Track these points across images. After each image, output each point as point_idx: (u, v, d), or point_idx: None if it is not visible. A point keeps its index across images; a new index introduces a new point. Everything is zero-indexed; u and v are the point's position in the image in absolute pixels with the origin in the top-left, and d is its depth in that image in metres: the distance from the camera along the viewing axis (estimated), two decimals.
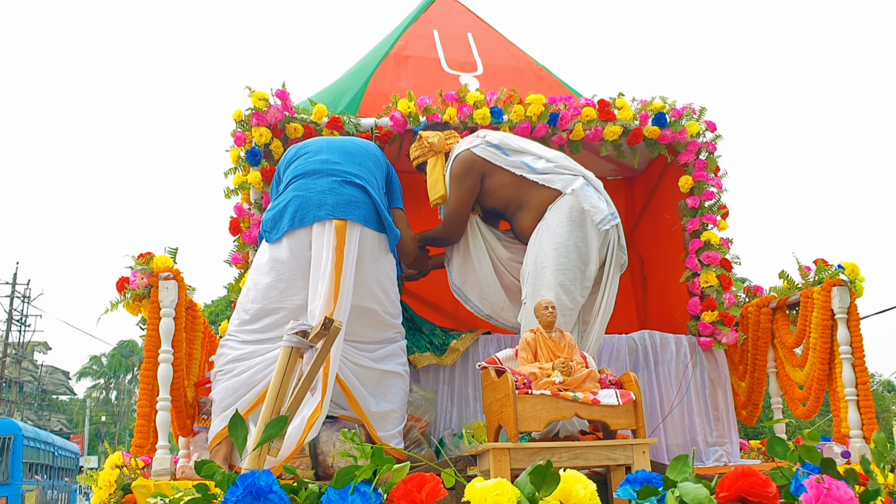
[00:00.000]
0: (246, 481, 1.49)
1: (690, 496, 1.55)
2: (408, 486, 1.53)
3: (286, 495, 1.52)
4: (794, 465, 1.69)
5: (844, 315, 4.47)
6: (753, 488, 1.65)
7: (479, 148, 4.66)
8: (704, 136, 5.31)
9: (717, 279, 5.06)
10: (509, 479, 3.41)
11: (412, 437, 4.39)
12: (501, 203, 4.72)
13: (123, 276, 4.07)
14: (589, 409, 3.66)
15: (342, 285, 3.83)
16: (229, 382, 3.90)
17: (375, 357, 4.10)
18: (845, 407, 4.44)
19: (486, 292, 4.83)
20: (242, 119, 4.81)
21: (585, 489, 1.56)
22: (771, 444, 1.75)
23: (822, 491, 1.54)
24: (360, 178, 4.13)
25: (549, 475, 1.58)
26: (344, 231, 3.91)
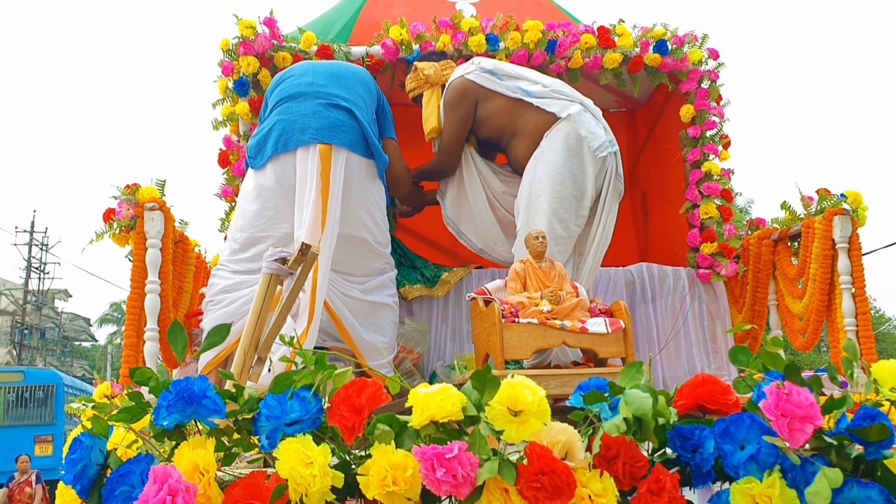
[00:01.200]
0: (179, 386, 1.45)
1: (636, 404, 1.49)
2: (348, 390, 1.49)
3: (221, 401, 1.48)
4: (757, 373, 1.63)
5: (846, 245, 4.37)
6: (712, 396, 1.59)
7: (473, 74, 4.53)
8: (707, 64, 5.16)
9: (717, 210, 4.96)
10: None
11: (404, 368, 4.38)
12: (496, 131, 4.58)
13: (109, 208, 4.03)
14: (577, 338, 3.61)
15: (329, 212, 3.74)
16: (219, 313, 3.87)
17: (365, 289, 4.05)
18: (844, 337, 4.36)
19: (479, 226, 4.75)
20: (230, 48, 4.71)
21: (533, 395, 1.50)
22: (734, 352, 1.68)
23: (782, 397, 1.47)
24: (347, 100, 3.99)
25: (489, 380, 1.53)
26: (329, 155, 3.79)
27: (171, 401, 1.44)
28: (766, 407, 1.48)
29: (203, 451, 1.43)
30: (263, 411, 1.49)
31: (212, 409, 1.47)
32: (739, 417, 1.52)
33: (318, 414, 1.49)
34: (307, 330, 3.64)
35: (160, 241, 3.96)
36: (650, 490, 1.46)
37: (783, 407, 1.46)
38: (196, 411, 1.46)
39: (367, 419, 1.48)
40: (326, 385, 1.53)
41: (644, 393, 1.50)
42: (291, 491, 1.38)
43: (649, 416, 1.49)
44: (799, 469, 1.49)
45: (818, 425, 1.47)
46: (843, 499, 1.54)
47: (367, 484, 1.41)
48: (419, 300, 4.71)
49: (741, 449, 1.51)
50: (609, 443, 1.51)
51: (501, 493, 1.44)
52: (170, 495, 1.33)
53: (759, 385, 1.56)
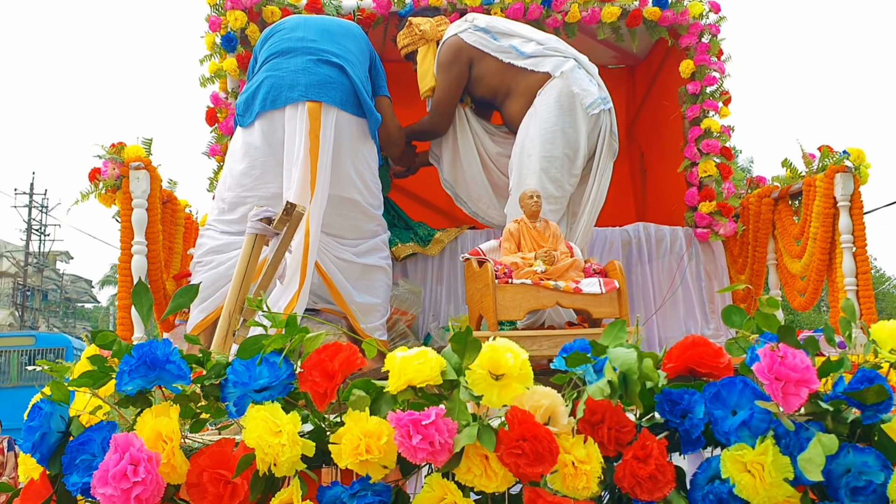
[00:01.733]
0: (143, 350, 1.38)
1: (620, 361, 1.42)
2: (321, 355, 1.42)
3: (186, 366, 1.42)
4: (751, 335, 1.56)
5: (847, 203, 4.27)
6: (703, 358, 1.52)
7: (467, 33, 4.42)
8: (707, 18, 5.03)
9: (716, 168, 4.86)
10: None
11: (398, 329, 4.32)
12: (490, 91, 4.48)
13: (95, 167, 3.94)
14: (571, 298, 3.54)
15: (318, 172, 3.63)
16: (208, 274, 3.79)
17: (358, 251, 3.96)
18: (844, 297, 4.29)
19: (472, 189, 4.67)
20: (217, 2, 4.57)
21: (515, 358, 1.44)
22: (727, 312, 1.61)
23: (776, 359, 1.40)
24: (339, 56, 3.85)
25: (470, 342, 1.46)
26: (318, 114, 3.66)
27: (133, 366, 1.38)
28: (760, 370, 1.41)
29: (166, 418, 1.36)
30: (231, 377, 1.42)
31: (176, 375, 1.40)
32: (731, 381, 1.46)
33: (288, 380, 1.43)
34: (298, 293, 3.56)
35: (146, 200, 3.87)
36: (636, 457, 1.40)
37: (777, 370, 1.39)
38: (159, 377, 1.40)
39: (340, 385, 1.42)
40: (299, 349, 1.46)
41: (628, 350, 1.43)
42: (259, 461, 1.32)
43: (635, 372, 1.42)
44: (793, 435, 1.43)
45: (814, 389, 1.40)
46: (839, 465, 1.48)
47: (340, 453, 1.35)
48: (414, 262, 4.64)
49: (733, 414, 1.45)
50: (594, 407, 1.45)
51: (481, 459, 1.38)
52: (131, 464, 1.27)
53: (752, 347, 1.49)
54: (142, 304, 1.52)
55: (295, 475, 1.36)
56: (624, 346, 1.45)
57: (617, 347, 1.45)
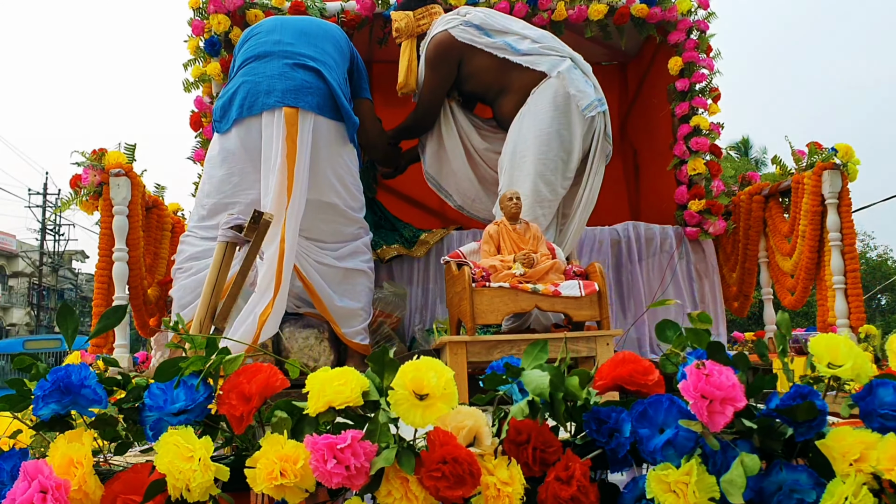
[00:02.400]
0: (58, 375, 1.37)
1: (533, 385, 1.40)
2: (239, 377, 1.41)
3: (101, 390, 1.41)
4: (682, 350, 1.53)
5: (835, 200, 4.23)
6: (632, 376, 1.50)
7: (458, 29, 4.33)
8: (696, 14, 4.98)
9: (705, 166, 4.81)
10: (466, 373, 3.34)
11: (382, 332, 4.31)
12: (481, 87, 4.43)
13: (75, 174, 3.95)
14: (550, 301, 3.51)
15: (296, 178, 3.60)
16: (187, 281, 3.78)
17: (338, 255, 3.94)
18: (833, 296, 4.25)
19: (459, 182, 4.64)
20: (199, 6, 4.56)
21: (439, 377, 1.41)
22: (661, 327, 1.59)
23: (701, 377, 1.38)
24: (316, 60, 3.81)
25: (387, 362, 1.44)
26: (295, 120, 3.63)
27: (48, 390, 1.37)
28: (685, 388, 1.39)
29: (78, 444, 1.35)
30: (147, 401, 1.41)
31: (91, 399, 1.39)
32: (658, 399, 1.43)
33: (206, 403, 1.41)
34: (273, 300, 3.53)
35: (126, 207, 3.88)
36: (558, 478, 1.37)
37: (702, 388, 1.37)
38: (74, 401, 1.39)
39: (258, 408, 1.40)
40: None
41: (542, 373, 1.40)
42: (171, 486, 1.30)
43: (547, 396, 1.40)
44: (720, 454, 1.40)
45: (739, 407, 1.37)
46: (771, 483, 1.45)
47: (255, 477, 1.34)
48: (400, 263, 4.63)
49: (661, 433, 1.42)
50: (519, 427, 1.43)
51: (402, 482, 1.36)
52: (40, 492, 1.26)
53: (684, 363, 1.47)
54: (66, 325, 1.51)
55: (211, 501, 1.34)
56: (543, 368, 1.43)
57: (533, 370, 1.43)
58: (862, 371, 1.50)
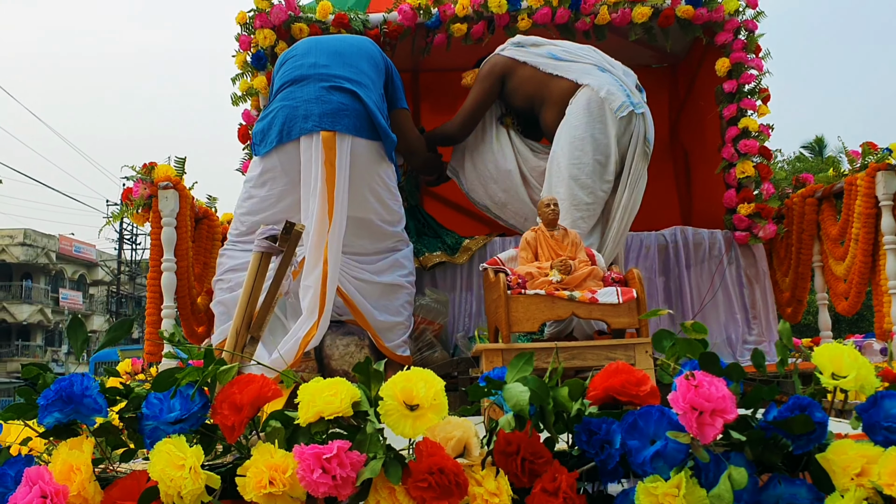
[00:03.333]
0: (61, 385, 1.44)
1: (513, 400, 1.39)
2: (232, 388, 1.44)
3: (102, 399, 1.46)
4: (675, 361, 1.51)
5: (890, 202, 4.08)
6: (625, 387, 1.48)
7: (506, 50, 4.55)
8: (744, 14, 4.87)
9: (754, 169, 4.70)
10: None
11: (425, 339, 4.33)
12: (526, 100, 4.51)
13: (127, 187, 4.09)
14: (587, 308, 3.48)
15: (336, 201, 3.63)
16: (228, 295, 3.86)
17: (376, 269, 3.97)
18: (889, 301, 4.10)
19: (513, 204, 4.68)
20: (246, 21, 4.67)
21: (429, 388, 1.43)
22: (657, 337, 1.56)
23: (690, 389, 1.36)
24: (352, 81, 3.85)
25: (372, 372, 1.46)
26: (333, 143, 3.67)
27: (51, 400, 1.43)
28: (674, 399, 1.37)
29: (78, 451, 1.41)
30: (145, 410, 1.46)
31: (92, 409, 1.45)
32: (648, 410, 1.41)
33: (202, 412, 1.46)
34: (317, 323, 3.58)
35: (175, 219, 4.00)
36: (544, 489, 1.37)
37: (692, 399, 1.35)
38: (77, 410, 1.45)
39: (250, 418, 1.44)
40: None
41: (523, 387, 1.40)
42: (163, 493, 1.35)
43: (526, 411, 1.39)
44: (713, 467, 1.38)
45: (729, 419, 1.35)
46: (769, 496, 1.42)
47: (245, 486, 1.37)
48: (443, 270, 4.65)
49: (651, 444, 1.40)
50: (509, 437, 1.43)
51: (389, 492, 1.38)
52: (41, 497, 1.32)
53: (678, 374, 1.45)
54: (76, 336, 1.58)
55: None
56: (527, 380, 1.42)
57: (515, 383, 1.42)
58: (866, 382, 1.46)
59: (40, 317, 34.87)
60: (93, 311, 38.40)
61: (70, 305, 36.57)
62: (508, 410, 1.44)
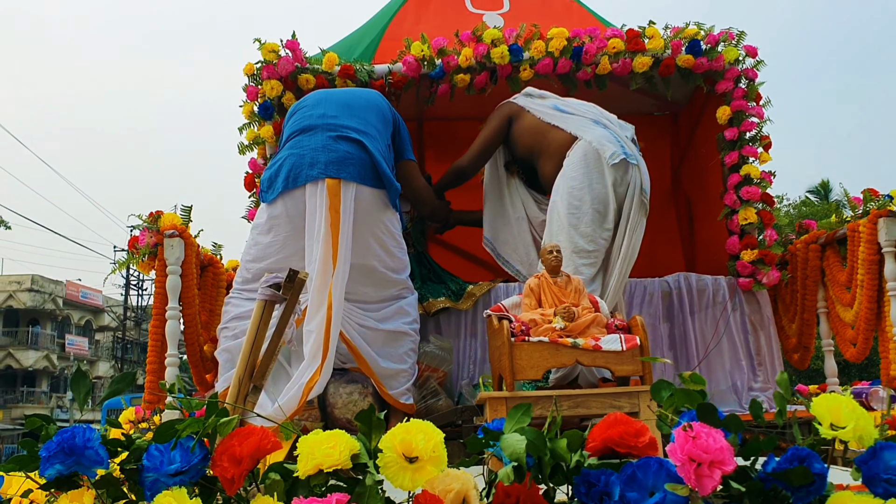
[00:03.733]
0: (63, 436, 1.45)
1: (510, 450, 1.40)
2: (232, 440, 1.45)
3: (104, 451, 1.47)
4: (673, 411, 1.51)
5: (892, 248, 4.09)
6: (623, 438, 1.48)
7: (517, 98, 4.71)
8: (744, 63, 4.94)
9: (756, 215, 4.73)
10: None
11: (429, 387, 4.32)
12: (526, 150, 4.63)
13: (133, 236, 4.13)
14: (591, 356, 3.48)
15: (340, 246, 3.68)
16: (232, 343, 3.88)
17: (380, 317, 3.99)
18: (894, 348, 4.09)
19: (519, 250, 4.79)
20: (254, 72, 4.76)
21: (428, 440, 1.43)
22: (656, 387, 1.57)
23: (688, 440, 1.36)
24: (358, 131, 3.93)
25: (374, 421, 1.47)
26: (338, 190, 3.73)
27: (53, 451, 1.44)
28: (672, 451, 1.37)
29: (79, 503, 1.42)
30: (145, 462, 1.47)
31: (93, 461, 1.46)
32: (646, 462, 1.41)
33: (202, 464, 1.46)
34: (321, 368, 3.59)
35: (180, 267, 4.02)
36: None
37: (690, 450, 1.35)
38: (78, 462, 1.46)
39: (249, 470, 1.44)
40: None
41: (520, 437, 1.40)
42: None
43: (524, 461, 1.39)
44: None
45: (728, 470, 1.35)
46: None
47: None
48: (447, 317, 4.66)
49: (650, 496, 1.40)
50: (508, 489, 1.43)
51: None
52: None
53: (676, 425, 1.45)
54: (79, 388, 1.59)
55: None
56: (524, 431, 1.43)
57: (513, 433, 1.43)
58: (865, 433, 1.46)
59: (46, 363, 34.86)
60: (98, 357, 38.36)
61: (76, 351, 36.56)
62: (507, 462, 1.44)
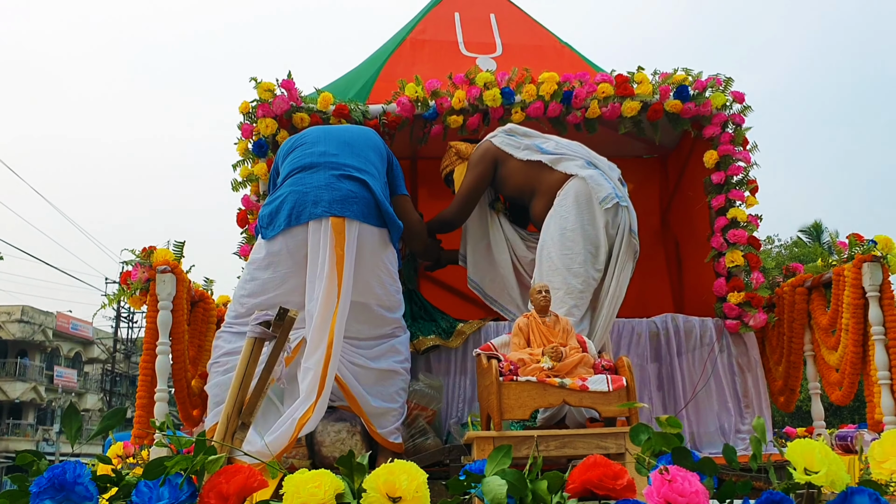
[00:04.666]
0: (54, 472, 1.47)
1: (491, 494, 1.43)
2: (219, 478, 1.48)
3: (94, 488, 1.49)
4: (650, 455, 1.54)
5: (876, 293, 4.14)
6: (602, 480, 1.51)
7: (497, 137, 4.70)
8: (731, 108, 5.04)
9: (743, 258, 4.79)
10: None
11: (418, 426, 4.33)
12: (516, 190, 4.67)
13: (125, 271, 4.16)
14: (578, 396, 3.51)
15: (343, 285, 3.70)
16: (223, 378, 3.88)
17: (372, 355, 3.99)
18: (879, 392, 4.12)
19: (508, 290, 4.83)
20: (249, 111, 4.83)
21: (411, 481, 1.46)
22: (635, 431, 1.60)
23: (664, 483, 1.40)
24: (360, 170, 3.98)
25: (356, 465, 1.50)
26: (342, 228, 3.77)
27: (43, 487, 1.46)
28: (649, 494, 1.41)
29: None
30: (134, 498, 1.49)
31: (83, 496, 1.48)
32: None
33: (189, 501, 1.49)
34: (315, 404, 3.59)
35: (171, 303, 4.04)
36: None
37: (665, 493, 1.39)
38: (67, 497, 1.48)
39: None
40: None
41: (501, 480, 1.44)
42: None
43: (527, 496, 1.43)
44: None
45: None
46: None
47: None
48: (437, 355, 4.68)
49: None
50: None
51: None
52: None
53: (654, 468, 1.48)
54: (70, 424, 1.62)
55: None
56: (505, 473, 1.46)
57: (493, 476, 1.46)
58: (836, 478, 1.50)
59: (33, 395, 34.53)
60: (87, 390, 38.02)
61: (64, 383, 36.25)
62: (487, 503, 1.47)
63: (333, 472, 1.52)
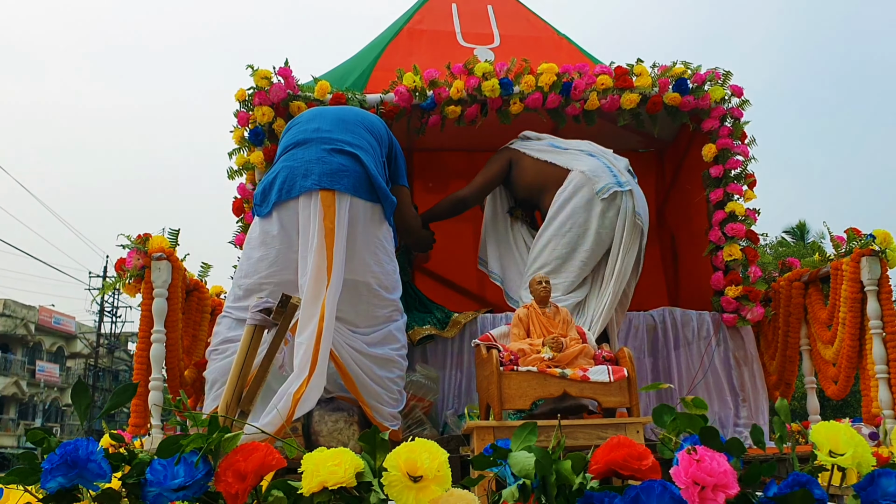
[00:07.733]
0: (66, 449, 1.43)
1: (519, 466, 1.40)
2: (236, 455, 1.44)
3: (107, 464, 1.46)
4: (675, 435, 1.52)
5: (875, 287, 4.15)
6: (626, 461, 1.49)
7: (514, 143, 4.91)
8: (730, 102, 5.03)
9: (741, 252, 4.78)
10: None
11: (414, 416, 4.30)
12: (526, 189, 4.79)
13: (120, 258, 4.10)
14: (578, 386, 3.49)
15: (334, 258, 3.65)
16: (222, 363, 3.84)
17: (370, 340, 3.95)
18: (876, 385, 4.13)
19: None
20: (245, 99, 4.78)
21: (433, 459, 1.43)
22: (657, 412, 1.58)
23: (693, 463, 1.37)
24: (352, 145, 3.93)
25: (379, 442, 1.47)
26: (332, 201, 3.72)
27: (56, 464, 1.43)
28: (676, 474, 1.38)
29: None
30: (149, 476, 1.45)
31: (96, 474, 1.44)
32: (650, 485, 1.42)
33: (205, 479, 1.45)
34: (308, 379, 3.55)
35: (167, 290, 4.00)
36: None
37: (694, 474, 1.36)
38: (80, 475, 1.44)
39: (253, 486, 1.43)
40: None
41: (529, 454, 1.41)
42: None
43: (533, 478, 1.40)
44: None
45: (731, 494, 1.36)
46: None
47: None
48: (434, 346, 4.65)
49: None
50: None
51: None
52: None
53: (679, 449, 1.46)
54: (80, 402, 1.58)
55: None
56: (531, 450, 1.43)
57: (520, 451, 1.44)
58: (863, 460, 1.48)
59: (15, 389, 34.17)
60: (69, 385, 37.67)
61: (47, 378, 35.92)
62: (511, 483, 1.45)
63: None
